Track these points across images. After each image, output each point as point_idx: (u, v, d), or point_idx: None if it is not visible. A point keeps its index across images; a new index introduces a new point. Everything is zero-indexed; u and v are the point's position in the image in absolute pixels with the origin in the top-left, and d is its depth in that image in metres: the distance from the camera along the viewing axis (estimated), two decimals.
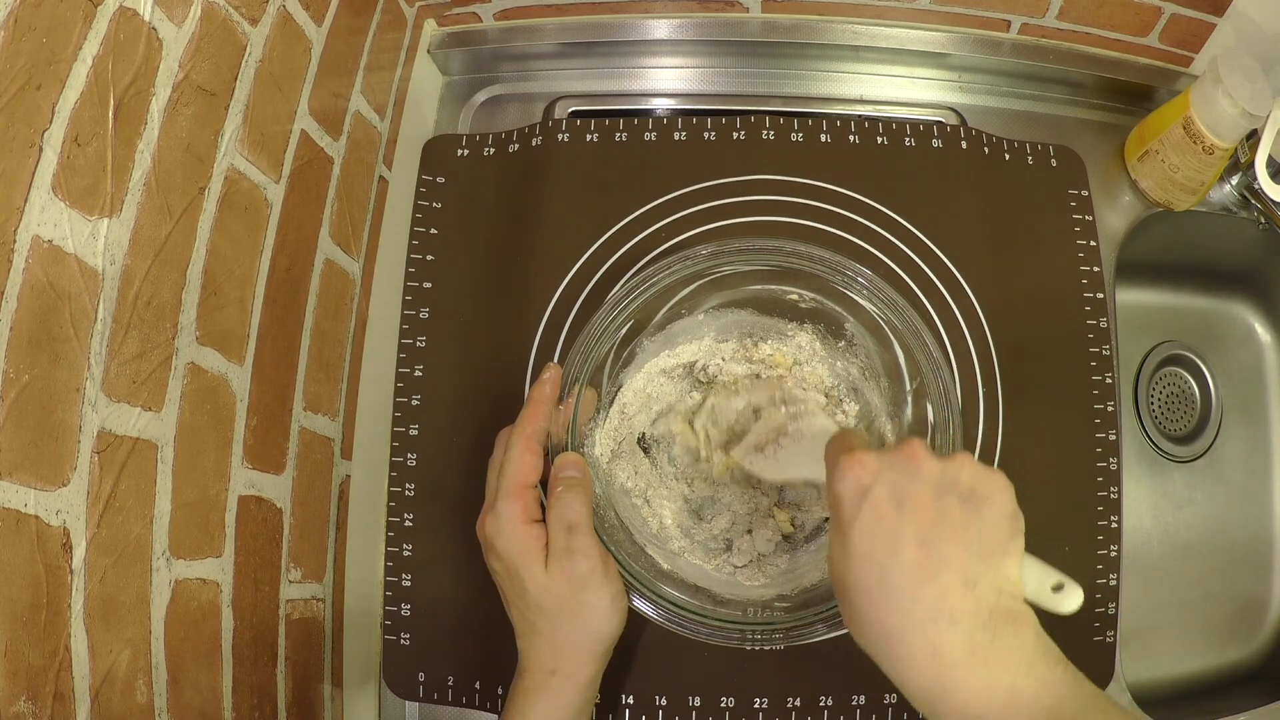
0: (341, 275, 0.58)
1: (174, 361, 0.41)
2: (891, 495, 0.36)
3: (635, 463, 0.57)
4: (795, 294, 0.56)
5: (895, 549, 0.36)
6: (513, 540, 0.45)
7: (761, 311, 0.57)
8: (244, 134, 0.46)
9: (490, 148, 0.68)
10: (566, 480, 0.47)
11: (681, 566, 0.53)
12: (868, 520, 0.36)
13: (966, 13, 0.67)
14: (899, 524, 0.36)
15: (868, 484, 0.37)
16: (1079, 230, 0.66)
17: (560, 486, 0.46)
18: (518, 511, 0.45)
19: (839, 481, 0.38)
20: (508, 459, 0.47)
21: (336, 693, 0.57)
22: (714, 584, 0.52)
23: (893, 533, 0.36)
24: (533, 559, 0.45)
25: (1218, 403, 0.78)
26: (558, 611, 0.45)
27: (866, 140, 0.66)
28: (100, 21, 0.36)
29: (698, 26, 0.69)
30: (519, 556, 0.45)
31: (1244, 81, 0.59)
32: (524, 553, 0.45)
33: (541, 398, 0.49)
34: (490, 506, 0.47)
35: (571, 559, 0.45)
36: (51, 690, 0.33)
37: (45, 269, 0.33)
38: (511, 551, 0.45)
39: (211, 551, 0.44)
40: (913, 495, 0.36)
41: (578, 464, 0.48)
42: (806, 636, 0.47)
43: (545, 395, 0.49)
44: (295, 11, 0.50)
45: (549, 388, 0.49)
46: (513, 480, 0.46)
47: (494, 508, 0.46)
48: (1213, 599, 0.74)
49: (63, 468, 0.34)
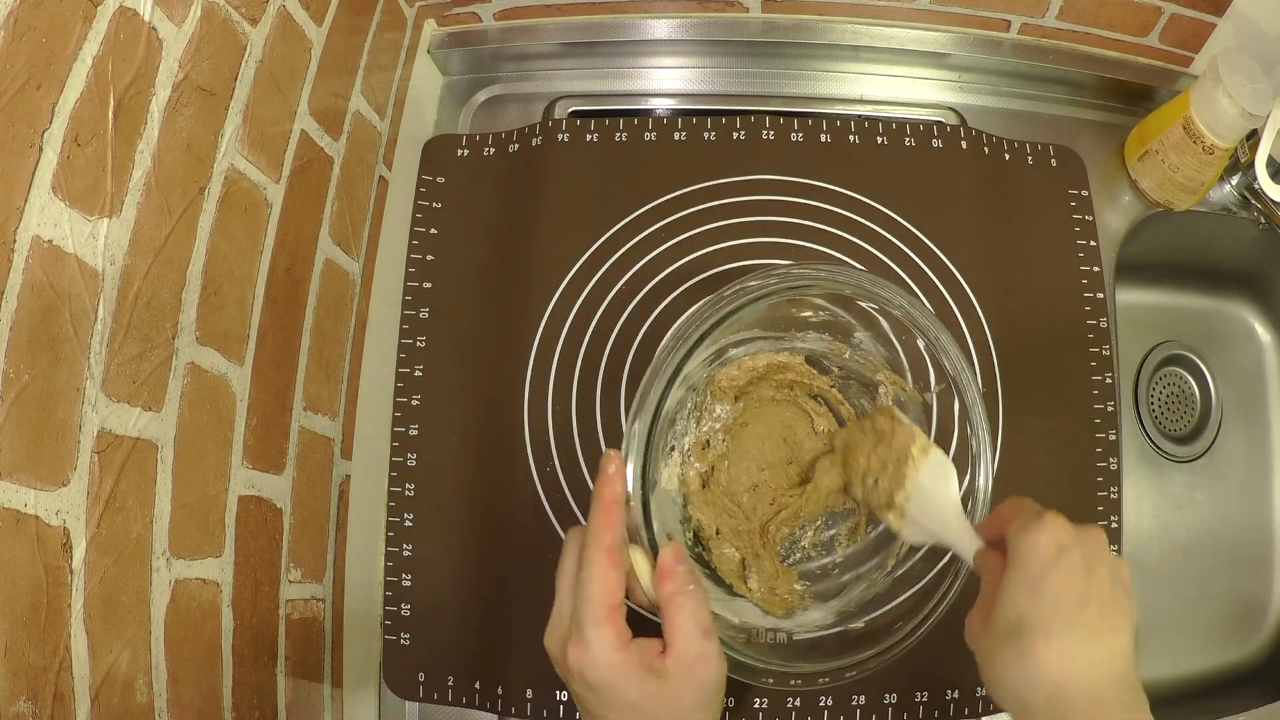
0: (341, 275, 0.58)
1: (174, 361, 0.41)
2: (1085, 561, 0.41)
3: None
4: (809, 311, 0.54)
5: (1083, 606, 0.40)
6: (611, 669, 0.40)
7: (768, 329, 0.56)
8: (244, 134, 0.46)
9: (490, 148, 0.68)
10: (687, 576, 0.42)
11: (741, 610, 0.52)
12: (1064, 573, 0.40)
13: (966, 13, 0.67)
14: (1089, 586, 0.40)
15: (1067, 545, 0.41)
16: (1079, 230, 0.66)
17: (688, 584, 0.42)
18: (611, 639, 0.40)
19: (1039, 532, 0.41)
20: (588, 576, 0.41)
21: (336, 693, 0.57)
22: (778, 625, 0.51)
23: (1083, 592, 0.40)
24: (640, 680, 0.40)
25: (1218, 403, 0.78)
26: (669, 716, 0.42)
27: (866, 140, 0.66)
28: (100, 21, 0.36)
29: (698, 26, 0.69)
30: (622, 684, 0.40)
31: (1244, 81, 0.59)
32: (627, 680, 0.40)
33: (613, 498, 0.43)
34: (577, 634, 0.41)
35: (707, 665, 0.41)
36: (51, 690, 0.33)
37: (45, 269, 0.33)
38: (611, 680, 0.40)
39: (211, 551, 0.44)
40: (1099, 569, 0.41)
41: (683, 555, 0.43)
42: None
43: (617, 494, 0.43)
44: (295, 11, 0.50)
45: (618, 484, 0.43)
46: (599, 603, 0.41)
47: (581, 636, 0.41)
48: (1213, 599, 0.74)
49: (63, 468, 0.34)
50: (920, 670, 0.57)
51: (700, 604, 0.42)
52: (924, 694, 0.57)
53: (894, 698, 0.57)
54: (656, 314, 0.62)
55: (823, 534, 0.55)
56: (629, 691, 0.41)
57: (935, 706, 0.57)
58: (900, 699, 0.57)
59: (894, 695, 0.57)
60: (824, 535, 0.55)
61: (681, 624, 0.41)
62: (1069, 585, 0.40)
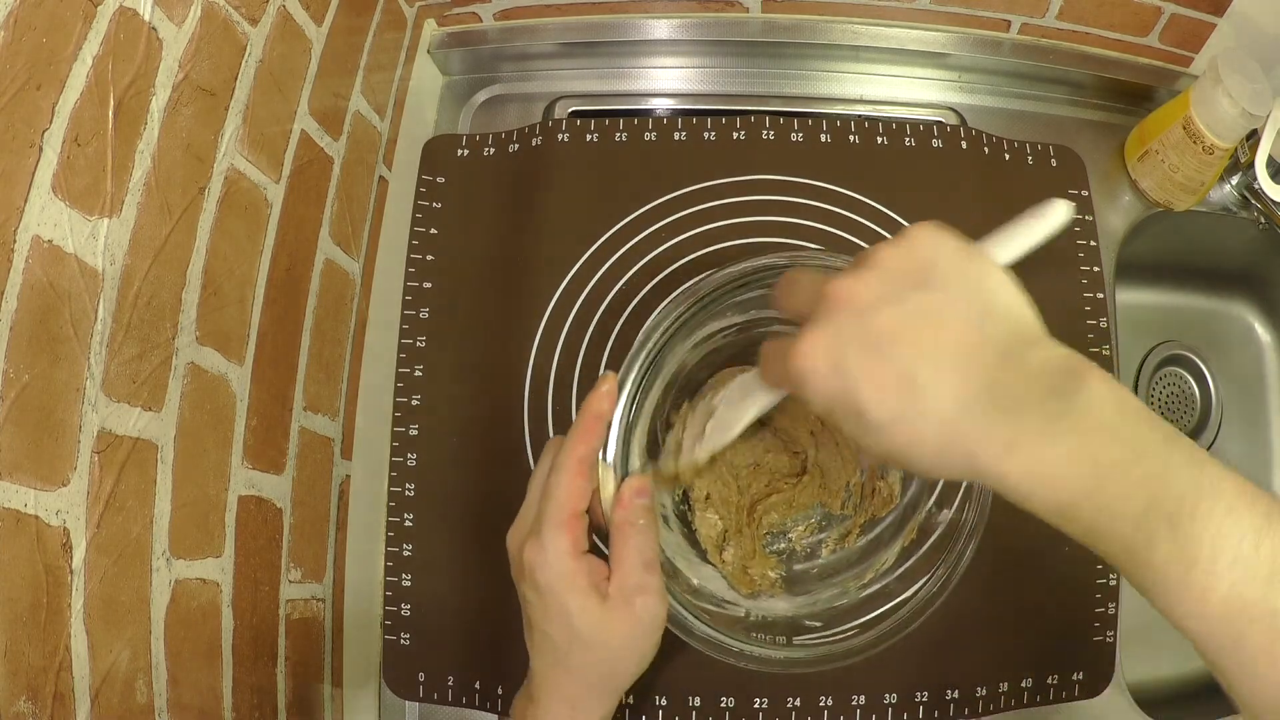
0: (341, 275, 0.58)
1: (174, 361, 0.41)
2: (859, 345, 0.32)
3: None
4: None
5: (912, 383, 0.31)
6: (559, 575, 0.41)
7: None
8: (244, 134, 0.46)
9: (490, 148, 0.68)
10: (641, 510, 0.42)
11: (707, 576, 0.52)
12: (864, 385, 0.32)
13: (966, 13, 0.67)
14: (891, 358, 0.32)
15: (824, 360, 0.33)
16: (1079, 230, 0.66)
17: (639, 518, 0.42)
18: (566, 544, 0.41)
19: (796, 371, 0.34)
20: (556, 482, 0.42)
21: (336, 693, 0.57)
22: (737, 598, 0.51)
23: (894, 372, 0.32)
24: (583, 594, 0.41)
25: (1218, 403, 0.78)
26: (603, 650, 0.41)
27: (866, 140, 0.66)
28: (100, 21, 0.36)
29: (698, 26, 0.69)
30: (565, 591, 0.41)
31: (1244, 81, 0.59)
32: (571, 588, 0.41)
33: (598, 412, 0.43)
34: (535, 533, 0.41)
35: (645, 598, 0.41)
36: (51, 690, 0.33)
37: (45, 269, 0.33)
38: (556, 586, 0.41)
39: (211, 551, 0.44)
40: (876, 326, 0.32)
41: (645, 490, 0.43)
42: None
43: (602, 410, 0.43)
44: (295, 11, 0.50)
45: (605, 402, 0.43)
46: (561, 507, 0.41)
47: (539, 536, 0.41)
48: None
49: (63, 468, 0.34)
50: (920, 670, 0.57)
51: (648, 538, 0.42)
52: (924, 694, 0.57)
53: (894, 698, 0.57)
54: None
55: (814, 534, 0.55)
56: (569, 602, 0.41)
57: (935, 706, 0.57)
58: (900, 699, 0.57)
59: (894, 695, 0.57)
60: (814, 536, 0.55)
61: (625, 554, 0.42)
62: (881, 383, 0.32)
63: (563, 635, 0.42)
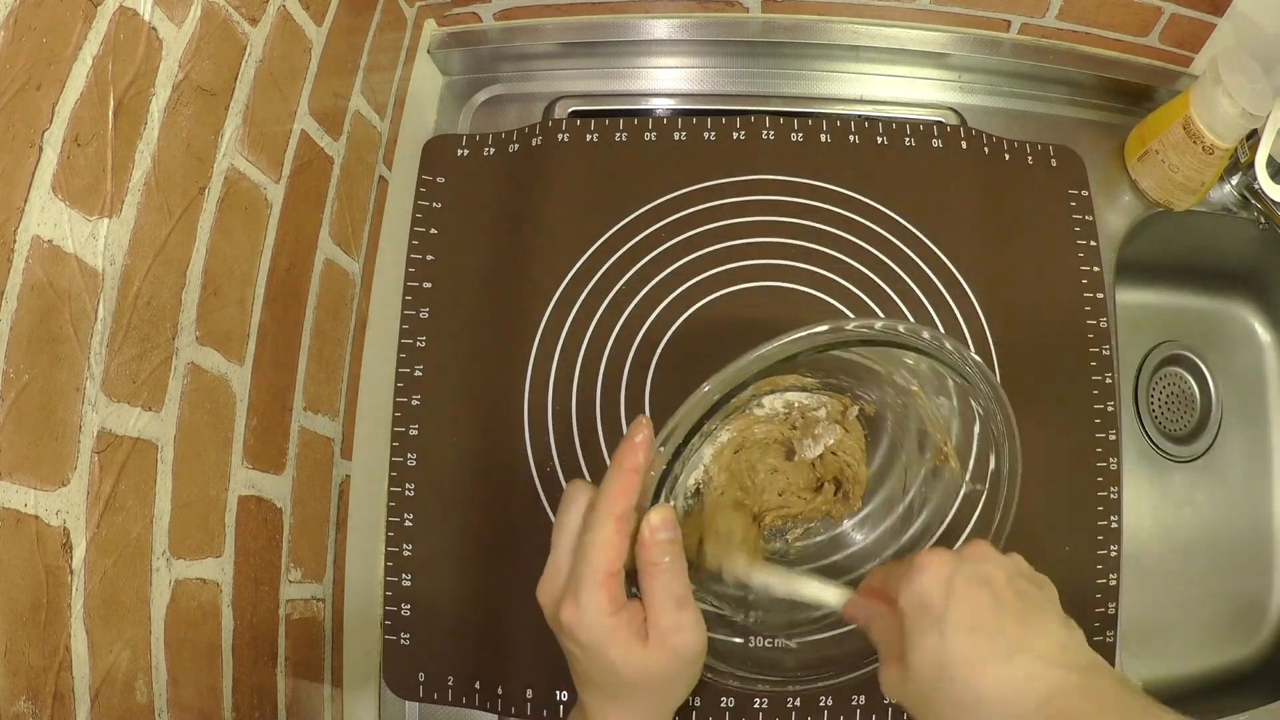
0: (341, 275, 0.58)
1: (174, 361, 0.41)
2: (976, 579, 0.39)
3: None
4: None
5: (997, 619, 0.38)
6: (599, 632, 0.40)
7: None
8: (244, 134, 0.46)
9: (490, 148, 0.68)
10: (665, 547, 0.41)
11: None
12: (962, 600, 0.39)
13: (966, 13, 0.67)
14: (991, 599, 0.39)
15: (950, 573, 0.39)
16: (1079, 230, 0.66)
17: (664, 555, 0.41)
18: (604, 603, 0.40)
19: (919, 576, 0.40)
20: (591, 541, 0.40)
21: (336, 693, 0.57)
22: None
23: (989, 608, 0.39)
24: (624, 646, 0.41)
25: (1218, 403, 0.78)
26: (651, 686, 0.42)
27: (866, 140, 0.66)
28: (100, 21, 0.36)
29: (698, 26, 0.69)
30: (608, 647, 0.41)
31: (1244, 81, 0.59)
32: (614, 642, 0.40)
33: (633, 466, 0.41)
34: (571, 594, 0.40)
35: (681, 636, 0.41)
36: (51, 690, 0.33)
37: (45, 269, 0.33)
38: (598, 642, 0.41)
39: (211, 551, 0.44)
40: (994, 577, 0.39)
41: (670, 523, 0.42)
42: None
43: (638, 464, 0.41)
44: (295, 11, 0.50)
45: (641, 454, 0.41)
46: (599, 567, 0.40)
47: (576, 598, 0.40)
48: (1213, 599, 0.74)
49: (63, 468, 0.34)
50: None
51: (675, 575, 0.42)
52: None
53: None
54: (657, 314, 0.62)
55: (810, 538, 0.55)
56: (613, 654, 0.41)
57: None
58: None
59: None
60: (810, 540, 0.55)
61: (655, 595, 0.41)
62: (971, 609, 0.39)
63: (610, 681, 0.42)
